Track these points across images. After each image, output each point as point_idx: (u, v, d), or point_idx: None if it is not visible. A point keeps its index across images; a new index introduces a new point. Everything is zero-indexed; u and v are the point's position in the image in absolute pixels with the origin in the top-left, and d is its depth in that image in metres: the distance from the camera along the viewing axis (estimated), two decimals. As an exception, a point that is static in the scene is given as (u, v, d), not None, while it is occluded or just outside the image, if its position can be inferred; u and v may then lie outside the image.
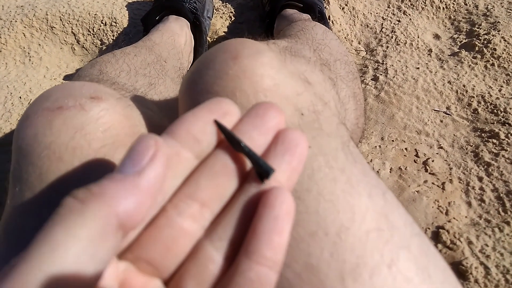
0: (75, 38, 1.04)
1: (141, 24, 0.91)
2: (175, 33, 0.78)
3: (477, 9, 0.98)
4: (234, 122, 0.21)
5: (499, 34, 0.89)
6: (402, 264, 0.25)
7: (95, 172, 0.30)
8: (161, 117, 0.40)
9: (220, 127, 0.20)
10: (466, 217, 0.65)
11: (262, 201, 0.18)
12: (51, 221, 0.16)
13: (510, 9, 0.96)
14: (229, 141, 0.20)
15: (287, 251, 0.25)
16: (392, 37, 0.95)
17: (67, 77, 0.99)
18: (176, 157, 0.19)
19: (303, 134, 0.20)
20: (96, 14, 1.04)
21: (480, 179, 0.68)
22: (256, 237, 0.18)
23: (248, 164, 0.20)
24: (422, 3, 1.02)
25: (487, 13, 0.96)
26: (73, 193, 0.17)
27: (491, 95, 0.79)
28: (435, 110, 0.79)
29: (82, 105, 0.31)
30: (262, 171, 0.19)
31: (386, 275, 0.24)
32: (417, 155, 0.73)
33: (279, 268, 0.18)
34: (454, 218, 0.64)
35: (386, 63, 0.89)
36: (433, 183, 0.69)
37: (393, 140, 0.76)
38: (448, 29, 0.97)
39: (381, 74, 0.87)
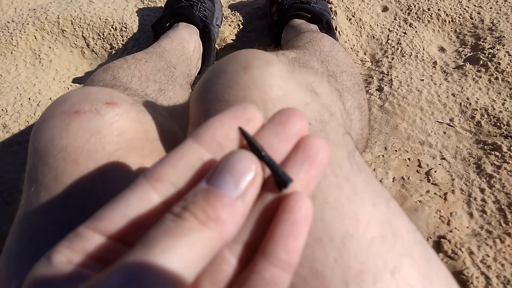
0: (85, 42, 1.06)
1: (151, 30, 0.93)
2: (185, 40, 0.80)
3: (482, 23, 1.00)
4: (257, 128, 0.21)
5: (503, 48, 0.90)
6: (405, 271, 0.26)
7: (109, 174, 0.31)
8: (171, 122, 0.41)
9: (243, 134, 0.20)
10: (467, 227, 0.65)
11: (281, 206, 0.19)
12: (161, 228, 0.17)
13: (515, 24, 0.98)
14: (251, 149, 0.20)
15: None
16: (397, 49, 0.96)
17: (76, 80, 1.01)
18: (198, 161, 0.20)
19: (324, 142, 0.21)
20: (107, 19, 1.06)
21: (482, 190, 0.69)
22: (274, 240, 0.18)
23: (268, 172, 0.21)
24: (428, 16, 1.03)
25: (493, 28, 0.97)
26: (191, 209, 0.17)
27: (494, 108, 0.80)
28: (438, 121, 0.80)
29: (98, 110, 0.33)
30: (280, 181, 0.20)
31: (389, 281, 0.25)
32: (420, 165, 0.74)
33: (293, 270, 0.19)
34: (455, 228, 0.65)
35: (391, 74, 0.90)
36: (435, 193, 0.70)
37: (396, 150, 0.77)
38: (454, 42, 0.98)
39: (386, 85, 0.88)
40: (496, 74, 0.86)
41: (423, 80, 0.88)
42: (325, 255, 0.26)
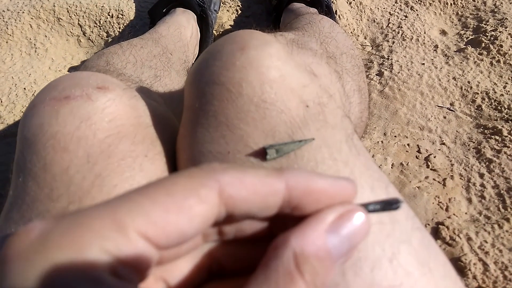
0: (82, 30, 1.04)
1: (148, 17, 0.91)
2: (182, 26, 0.79)
3: (485, 6, 0.98)
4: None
5: (506, 30, 0.88)
6: (403, 258, 0.25)
7: (100, 163, 0.31)
8: (166, 108, 0.41)
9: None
10: (466, 213, 0.65)
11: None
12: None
13: (517, 6, 0.96)
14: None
15: None
16: (398, 33, 0.95)
17: (72, 69, 1.00)
18: None
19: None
20: (103, 6, 1.04)
21: (481, 175, 0.69)
22: None
23: None
24: (429, -2, 1.01)
25: (495, 10, 0.96)
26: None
27: (495, 92, 0.79)
28: (438, 106, 0.80)
29: (88, 95, 0.32)
30: (392, 203, 0.20)
31: (387, 268, 0.25)
32: (419, 151, 0.74)
33: None
34: (454, 214, 0.65)
35: (391, 59, 0.89)
36: (434, 179, 0.69)
37: (395, 136, 0.76)
38: (455, 25, 0.97)
39: (386, 70, 0.87)
40: (498, 57, 0.85)
41: (424, 64, 0.87)
42: None
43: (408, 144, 0.75)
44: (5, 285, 0.14)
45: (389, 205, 0.19)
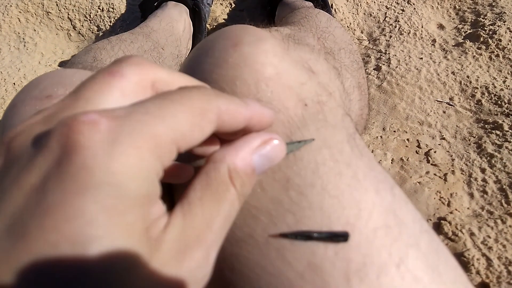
0: (71, 24, 1.02)
1: (139, 10, 0.89)
2: (174, 20, 0.76)
3: (482, -2, 0.96)
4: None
5: (504, 24, 0.87)
6: (411, 263, 0.24)
7: None
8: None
9: (284, 235, 0.24)
10: (468, 208, 0.64)
11: None
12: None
13: (516, -2, 0.94)
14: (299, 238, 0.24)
15: (289, 249, 0.24)
16: (395, 27, 0.93)
17: (63, 64, 0.97)
18: None
19: None
20: (93, -1, 1.01)
21: (483, 170, 0.67)
22: None
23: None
24: (426, -9, 0.99)
25: (493, 3, 0.94)
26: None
27: (495, 86, 0.78)
28: (438, 100, 0.78)
29: None
30: (340, 236, 0.23)
31: (394, 274, 0.23)
32: (419, 146, 0.72)
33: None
34: (456, 209, 0.63)
35: (389, 53, 0.87)
36: (435, 174, 0.68)
37: (395, 131, 0.75)
38: (453, 19, 0.95)
39: (384, 64, 0.85)
40: (497, 51, 0.84)
41: (422, 58, 0.85)
42: (324, 248, 0.24)
43: (407, 139, 0.73)
44: (71, 173, 0.14)
45: (336, 236, 0.23)
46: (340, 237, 0.23)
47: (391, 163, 0.71)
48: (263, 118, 0.21)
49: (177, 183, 0.23)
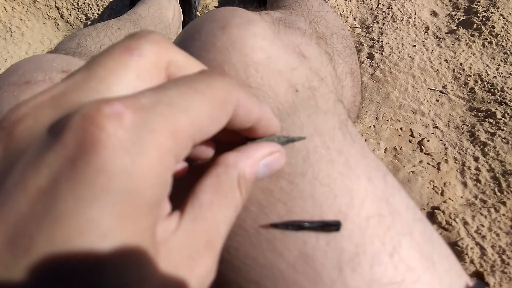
0: (59, 13, 0.99)
1: (127, -2, 0.87)
2: (163, 7, 0.75)
3: (475, -15, 0.95)
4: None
5: (498, 11, 0.86)
6: (405, 252, 0.23)
7: None
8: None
9: (275, 226, 0.23)
10: (461, 197, 0.64)
11: None
12: None
13: (510, -15, 0.94)
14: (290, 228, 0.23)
15: (280, 240, 0.23)
16: (388, 14, 0.92)
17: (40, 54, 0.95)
18: None
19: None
20: (80, -13, 0.99)
21: (476, 159, 0.67)
22: None
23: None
24: (420, -22, 0.98)
25: (486, -11, 0.93)
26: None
27: (488, 74, 0.77)
28: (431, 89, 0.77)
29: (52, 79, 0.28)
30: (331, 225, 0.23)
31: (387, 264, 0.23)
32: (412, 135, 0.72)
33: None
34: (449, 198, 0.63)
35: (382, 41, 0.86)
36: (428, 163, 0.68)
37: (388, 120, 0.74)
38: (446, 6, 0.94)
39: (377, 52, 0.84)
40: (490, 38, 0.83)
41: (415, 46, 0.84)
42: (316, 238, 0.23)
43: (401, 128, 0.73)
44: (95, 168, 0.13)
45: (328, 226, 0.23)
46: (332, 226, 0.23)
47: (384, 152, 0.70)
48: (271, 123, 0.21)
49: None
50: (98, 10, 0.98)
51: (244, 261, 0.23)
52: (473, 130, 0.71)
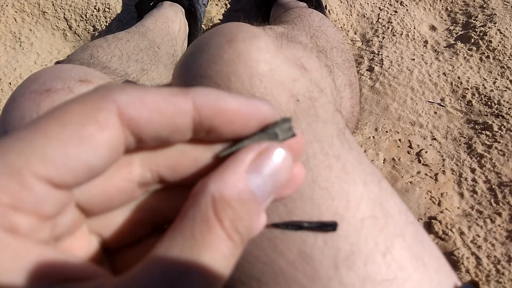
0: (67, 24, 1.02)
1: (135, 10, 0.89)
2: (169, 19, 0.77)
3: (474, 1, 0.98)
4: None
5: (495, 26, 0.88)
6: (397, 252, 0.25)
7: None
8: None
9: (276, 225, 0.24)
10: (458, 208, 0.65)
11: None
12: None
13: (507, 2, 0.96)
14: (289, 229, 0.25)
15: (281, 239, 0.25)
16: (388, 28, 0.94)
17: (59, 64, 0.98)
18: None
19: None
20: (88, -1, 1.02)
21: (473, 170, 0.69)
22: None
23: None
24: (419, -6, 1.01)
25: (484, 5, 0.96)
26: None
27: (485, 87, 0.79)
28: (429, 101, 0.79)
29: (70, 88, 0.31)
30: (329, 225, 0.24)
31: (381, 263, 0.24)
32: (410, 146, 0.73)
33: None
34: (446, 209, 0.65)
35: (381, 54, 0.88)
36: (426, 174, 0.69)
37: (387, 131, 0.76)
38: (445, 20, 0.97)
39: (377, 65, 0.86)
40: (487, 52, 0.85)
41: (414, 59, 0.87)
42: (314, 237, 0.24)
43: (399, 140, 0.74)
44: None
45: (325, 226, 0.24)
46: (329, 226, 0.24)
47: (383, 163, 0.72)
48: (259, 110, 0.16)
49: None
50: (106, 22, 1.00)
51: (246, 258, 0.25)
52: (470, 142, 0.73)
